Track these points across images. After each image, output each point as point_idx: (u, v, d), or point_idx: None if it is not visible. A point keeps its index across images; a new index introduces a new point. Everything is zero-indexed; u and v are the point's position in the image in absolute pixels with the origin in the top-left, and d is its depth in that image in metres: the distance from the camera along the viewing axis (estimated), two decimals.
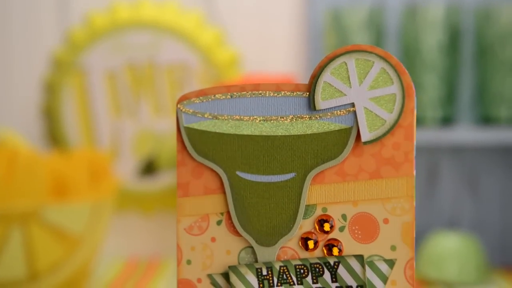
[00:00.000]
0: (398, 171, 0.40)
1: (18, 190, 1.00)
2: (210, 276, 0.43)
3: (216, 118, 0.42)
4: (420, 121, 1.15)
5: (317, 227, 0.41)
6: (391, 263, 0.40)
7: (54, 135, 1.24)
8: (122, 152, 1.24)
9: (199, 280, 0.43)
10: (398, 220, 0.41)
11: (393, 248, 0.41)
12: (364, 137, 0.40)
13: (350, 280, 0.41)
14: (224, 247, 0.43)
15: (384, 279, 0.40)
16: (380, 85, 0.40)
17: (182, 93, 1.22)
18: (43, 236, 1.02)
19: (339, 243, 0.41)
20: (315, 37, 1.19)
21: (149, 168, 1.24)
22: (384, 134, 0.40)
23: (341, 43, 1.13)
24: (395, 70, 0.40)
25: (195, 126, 0.42)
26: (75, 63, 1.22)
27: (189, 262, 0.43)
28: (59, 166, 1.04)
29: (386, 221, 0.41)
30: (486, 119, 1.15)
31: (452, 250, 1.11)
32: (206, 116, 0.42)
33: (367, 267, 0.40)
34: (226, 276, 0.43)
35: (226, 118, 0.42)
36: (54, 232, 1.02)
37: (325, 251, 0.42)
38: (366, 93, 0.40)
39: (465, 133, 1.14)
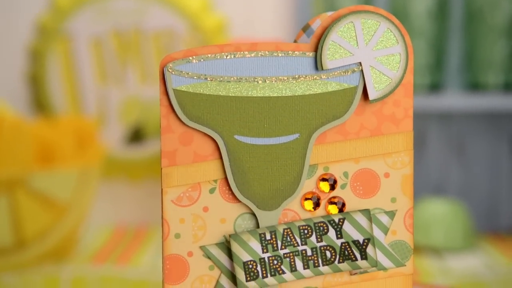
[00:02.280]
0: (398, 127, 0.42)
1: (4, 157, 0.99)
2: (203, 248, 0.41)
3: (212, 80, 0.39)
4: None
5: (319, 186, 0.41)
6: (391, 214, 0.42)
7: (40, 102, 1.22)
8: (108, 119, 1.23)
9: (189, 254, 0.41)
10: (398, 173, 0.42)
11: (393, 200, 0.42)
12: (372, 96, 0.41)
13: (356, 235, 0.41)
14: (218, 216, 0.41)
15: (385, 230, 0.42)
16: (386, 45, 0.41)
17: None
18: (29, 203, 1.01)
19: (342, 200, 0.42)
20: (302, 1, 1.18)
21: (136, 136, 1.24)
22: (390, 92, 0.41)
23: (329, 8, 1.12)
24: (399, 30, 0.41)
25: (186, 88, 0.40)
26: (60, 30, 1.20)
27: (177, 235, 0.41)
28: (45, 133, 1.03)
29: (386, 175, 0.42)
30: (474, 85, 1.15)
31: (439, 215, 1.12)
32: (199, 77, 0.40)
33: None
34: (221, 246, 0.41)
35: (222, 79, 0.40)
36: (40, 200, 1.02)
37: (328, 209, 0.42)
38: (373, 52, 0.41)
39: (453, 99, 1.14)
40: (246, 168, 0.41)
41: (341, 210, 0.42)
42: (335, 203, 0.42)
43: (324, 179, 0.41)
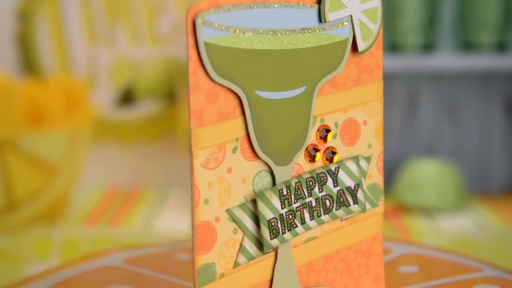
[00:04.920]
0: (372, 77, 0.44)
1: None
2: (229, 211, 0.39)
3: (237, 32, 0.37)
4: (400, 48, 1.14)
5: (318, 137, 0.42)
6: (368, 159, 0.44)
7: (29, 63, 1.21)
8: (98, 80, 1.22)
9: (217, 219, 0.39)
10: (372, 120, 0.44)
11: (369, 146, 0.44)
12: (360, 47, 0.43)
13: (348, 181, 0.43)
14: (240, 176, 0.40)
15: (364, 175, 0.44)
16: None
17: (158, 20, 1.20)
18: (20, 165, 1.01)
19: (335, 150, 0.43)
20: None
21: (127, 97, 1.23)
22: (372, 44, 0.43)
23: None
24: None
25: (216, 41, 0.37)
26: None
27: (206, 201, 0.39)
28: (35, 94, 1.02)
29: (365, 123, 0.44)
30: (467, 45, 1.15)
31: (430, 176, 1.12)
32: (226, 29, 0.37)
33: None
34: (243, 207, 0.40)
35: (245, 31, 0.38)
36: (31, 161, 1.01)
37: (324, 159, 0.42)
38: (360, 5, 0.42)
39: (446, 59, 1.14)
40: (266, 123, 0.40)
41: (332, 160, 0.43)
42: (332, 153, 0.43)
43: (323, 130, 0.42)
